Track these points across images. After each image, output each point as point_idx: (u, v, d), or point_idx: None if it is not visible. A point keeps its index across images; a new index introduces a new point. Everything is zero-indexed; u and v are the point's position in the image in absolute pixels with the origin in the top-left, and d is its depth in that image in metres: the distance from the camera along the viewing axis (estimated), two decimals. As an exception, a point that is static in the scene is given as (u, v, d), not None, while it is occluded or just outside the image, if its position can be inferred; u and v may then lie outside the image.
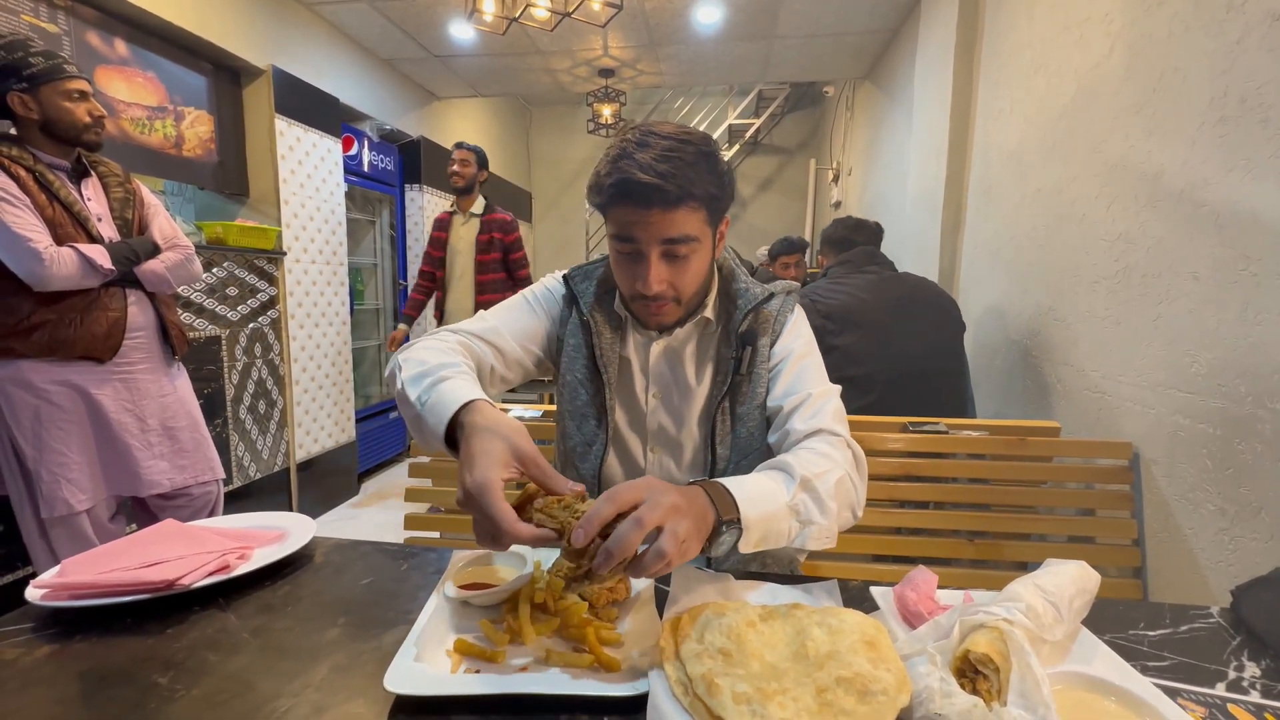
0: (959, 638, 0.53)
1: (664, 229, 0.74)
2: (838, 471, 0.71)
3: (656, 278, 0.76)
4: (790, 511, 0.66)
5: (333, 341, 3.05)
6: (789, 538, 0.66)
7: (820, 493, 0.68)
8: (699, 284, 0.82)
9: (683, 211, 0.74)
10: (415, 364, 0.74)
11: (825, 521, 0.68)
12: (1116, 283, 1.39)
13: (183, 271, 1.68)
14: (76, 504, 1.52)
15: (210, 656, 0.56)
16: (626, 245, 0.77)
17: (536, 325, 0.91)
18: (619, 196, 0.74)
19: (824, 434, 0.76)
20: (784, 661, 0.54)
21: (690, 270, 0.79)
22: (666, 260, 0.77)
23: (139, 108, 2.25)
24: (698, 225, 0.77)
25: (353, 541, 0.81)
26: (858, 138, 4.31)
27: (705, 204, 0.76)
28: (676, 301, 0.81)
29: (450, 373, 0.71)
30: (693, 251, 0.77)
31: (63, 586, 0.63)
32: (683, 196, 0.73)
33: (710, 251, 0.82)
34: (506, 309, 0.91)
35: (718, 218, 0.81)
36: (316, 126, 2.89)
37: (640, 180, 0.71)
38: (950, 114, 2.29)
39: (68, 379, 1.51)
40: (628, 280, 0.80)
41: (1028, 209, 1.83)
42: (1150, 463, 1.27)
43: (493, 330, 0.86)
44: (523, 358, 0.89)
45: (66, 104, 1.52)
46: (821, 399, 0.81)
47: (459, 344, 0.82)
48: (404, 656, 0.53)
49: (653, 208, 0.73)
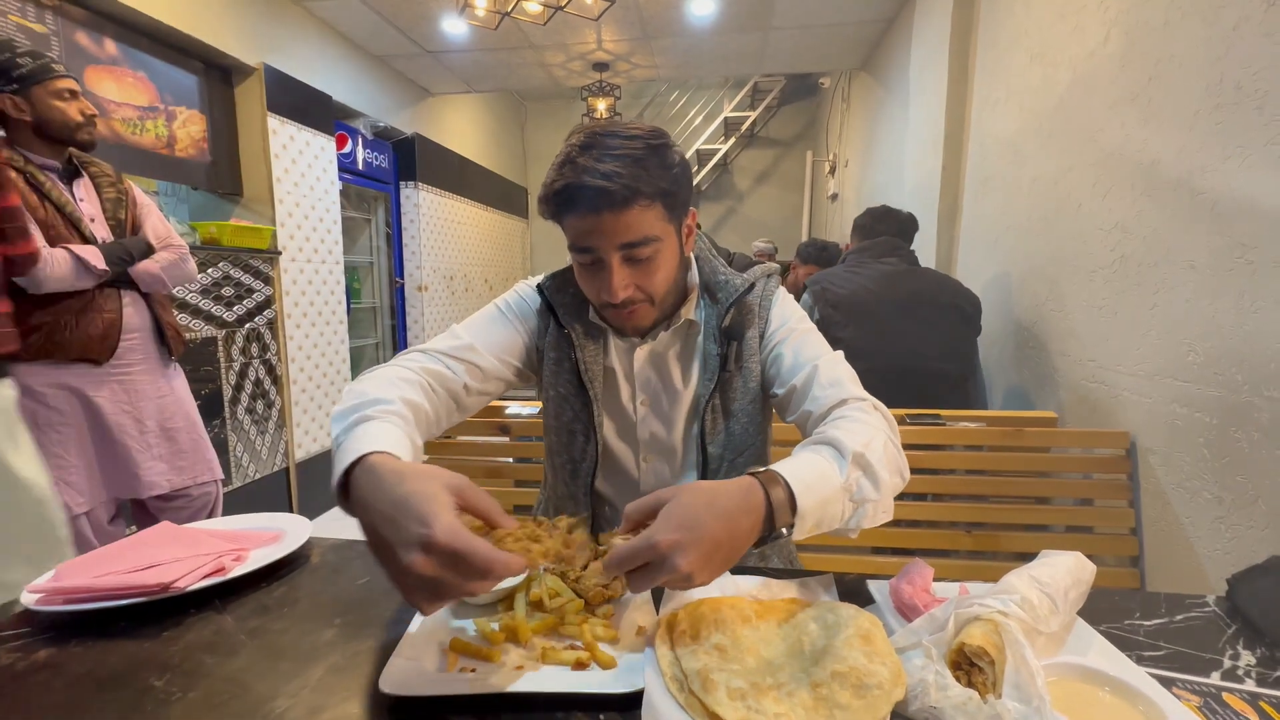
0: (954, 630, 0.53)
1: (620, 233, 0.71)
2: (880, 437, 0.67)
3: (620, 284, 0.73)
4: (844, 492, 0.61)
5: (330, 340, 3.05)
6: (842, 519, 0.62)
7: (873, 465, 0.63)
8: (670, 283, 0.79)
9: (636, 211, 0.70)
10: (354, 395, 0.66)
11: (878, 497, 0.63)
12: (1113, 272, 1.39)
13: (177, 271, 1.68)
14: (75, 507, 1.51)
15: (207, 659, 0.56)
16: (585, 255, 0.74)
17: (513, 336, 0.87)
18: (567, 204, 0.71)
19: (850, 402, 0.73)
20: (780, 657, 0.54)
21: (657, 271, 0.76)
22: (629, 265, 0.74)
23: (130, 108, 2.23)
24: (655, 224, 0.73)
25: (349, 541, 0.81)
26: (854, 129, 4.29)
27: (659, 200, 0.72)
28: (650, 302, 0.78)
29: (372, 412, 0.62)
30: (656, 252, 0.74)
31: (57, 591, 0.63)
32: (632, 196, 0.69)
33: (678, 249, 0.79)
34: (480, 321, 0.87)
35: (678, 213, 0.76)
36: (309, 125, 2.88)
37: (586, 184, 0.68)
38: (946, 104, 2.28)
39: (64, 382, 1.50)
40: (593, 291, 0.77)
41: (1024, 199, 1.82)
42: (1148, 452, 1.27)
43: (466, 347, 0.81)
44: (502, 371, 0.85)
45: (58, 104, 1.51)
46: (830, 365, 0.78)
47: (422, 370, 0.76)
48: (399, 657, 0.53)
49: (603, 212, 0.69)
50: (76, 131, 1.54)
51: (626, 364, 0.87)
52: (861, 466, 0.64)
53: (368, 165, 3.56)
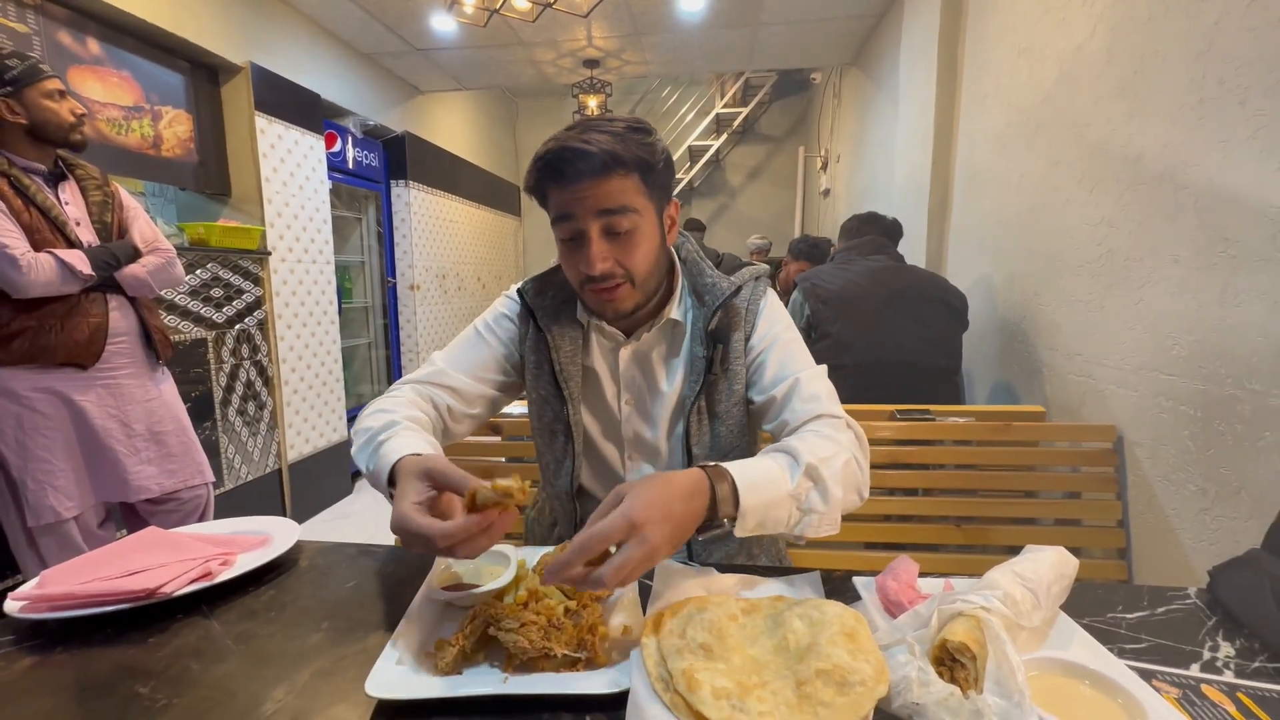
0: (937, 626, 0.53)
1: (599, 200, 0.73)
2: (844, 455, 0.69)
3: (599, 254, 0.74)
4: (791, 499, 0.64)
5: (321, 341, 3.03)
6: (788, 525, 0.65)
7: (825, 479, 0.66)
8: (650, 264, 0.79)
9: (615, 180, 0.73)
10: (362, 434, 0.75)
11: (826, 509, 0.66)
12: (1099, 266, 1.40)
13: (164, 275, 1.66)
14: (64, 511, 1.51)
15: (193, 665, 0.56)
16: (567, 226, 0.76)
17: (489, 354, 0.89)
18: (548, 172, 0.74)
19: (824, 418, 0.75)
20: (765, 655, 0.54)
21: (637, 247, 0.76)
22: (608, 238, 0.75)
23: (115, 108, 2.21)
24: (634, 196, 0.74)
25: (337, 544, 0.81)
26: (845, 124, 4.30)
27: (638, 172, 0.74)
28: (630, 283, 0.78)
29: (388, 435, 0.71)
30: (635, 226, 0.75)
31: (42, 598, 0.62)
32: (611, 162, 0.72)
33: (658, 230, 0.80)
34: (455, 346, 0.90)
35: (657, 193, 0.78)
36: (298, 124, 2.85)
37: (567, 147, 0.72)
38: (935, 99, 2.28)
39: (50, 386, 1.49)
40: (574, 268, 0.78)
41: (1012, 194, 1.83)
42: (1134, 445, 1.28)
43: (440, 373, 0.86)
44: (482, 390, 0.87)
45: (50, 104, 1.50)
46: (811, 381, 0.79)
47: (412, 393, 0.82)
48: (386, 660, 0.53)
49: (583, 179, 0.72)
50: (70, 133, 1.54)
51: (611, 363, 0.88)
52: (813, 478, 0.67)
53: (358, 164, 3.54)
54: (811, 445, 0.69)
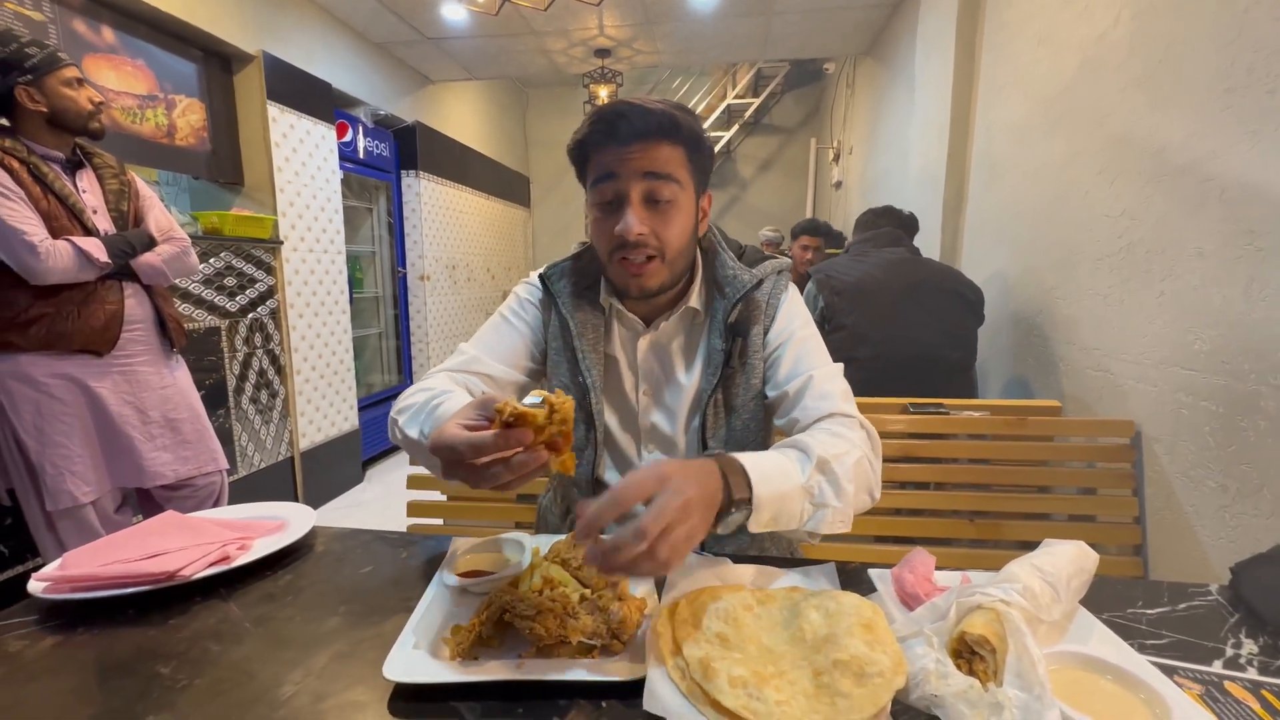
0: (956, 619, 0.53)
1: (645, 163, 0.74)
2: (855, 453, 0.69)
3: (638, 218, 0.75)
4: (804, 493, 0.64)
5: (333, 330, 3.05)
6: (800, 519, 0.64)
7: (837, 475, 0.66)
8: (682, 244, 0.79)
9: (665, 147, 0.74)
10: (409, 410, 0.74)
11: (840, 504, 0.65)
12: (1120, 260, 1.37)
13: (179, 264, 1.68)
14: (81, 496, 1.53)
15: (212, 646, 0.57)
16: (608, 187, 0.76)
17: (517, 340, 0.89)
18: (602, 127, 0.74)
19: (836, 416, 0.74)
20: (781, 645, 0.54)
21: (673, 222, 0.77)
22: (648, 206, 0.76)
23: (129, 96, 2.22)
24: (679, 168, 0.76)
25: (352, 530, 0.82)
26: (859, 115, 4.25)
27: (686, 146, 0.76)
28: (661, 259, 0.78)
29: (442, 399, 0.71)
30: (675, 198, 0.76)
31: (65, 579, 0.63)
32: (667, 126, 0.74)
33: (693, 212, 0.80)
34: (484, 334, 0.89)
35: (698, 176, 0.80)
36: (310, 113, 2.86)
37: (626, 104, 0.73)
38: (952, 89, 2.25)
39: (67, 372, 1.51)
40: (607, 234, 0.77)
41: (1030, 185, 1.80)
42: (1152, 440, 1.26)
43: (473, 360, 0.85)
44: (513, 376, 0.87)
45: (69, 92, 1.51)
46: (826, 379, 0.79)
47: (448, 380, 0.82)
48: (403, 644, 0.53)
49: (633, 142, 0.73)
50: (89, 121, 1.55)
51: (630, 352, 0.88)
52: (824, 472, 0.66)
53: (369, 154, 3.54)
54: (822, 441, 0.69)
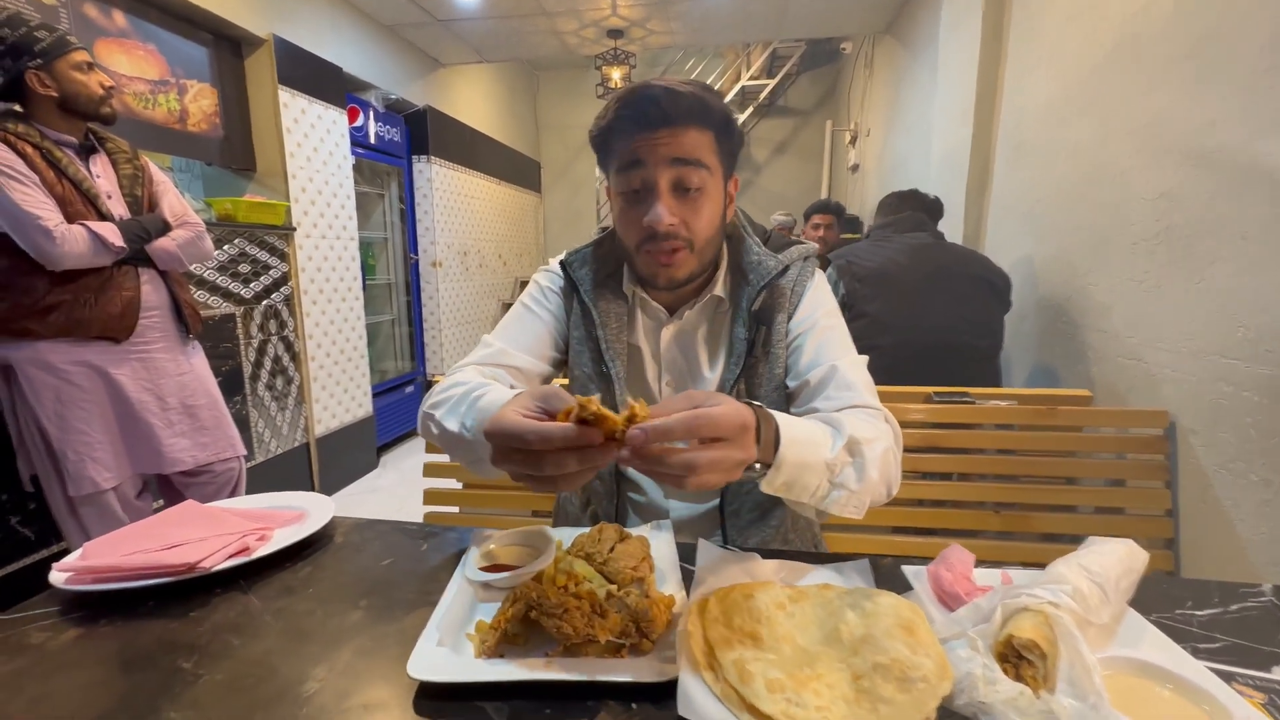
0: (1001, 621, 0.51)
1: (674, 148, 0.71)
2: (884, 442, 0.67)
3: (667, 208, 0.72)
4: (826, 469, 0.61)
5: (346, 317, 3.05)
6: (813, 494, 0.61)
7: (865, 459, 0.63)
8: (711, 232, 0.77)
9: (693, 132, 0.72)
10: (446, 404, 0.71)
11: (858, 489, 0.63)
12: (1157, 244, 1.32)
13: (194, 249, 1.67)
14: (103, 482, 1.54)
15: (233, 640, 0.56)
16: (635, 175, 0.73)
17: (542, 330, 0.86)
18: (628, 112, 0.71)
19: (860, 409, 0.72)
20: (816, 645, 0.52)
21: (702, 210, 0.74)
22: (677, 195, 0.73)
23: (141, 81, 2.21)
24: (708, 153, 0.73)
25: (371, 521, 0.81)
26: (878, 97, 4.15)
27: (715, 130, 0.73)
28: (690, 247, 0.75)
29: (482, 391, 0.68)
30: (704, 185, 0.73)
31: (86, 570, 0.63)
32: (697, 110, 0.71)
33: (721, 199, 0.77)
34: (507, 325, 0.87)
35: (726, 161, 0.77)
36: (321, 97, 2.83)
37: (654, 87, 0.70)
38: (978, 68, 2.17)
39: (86, 359, 1.51)
40: (634, 223, 0.74)
41: (1061, 167, 1.74)
42: (1188, 432, 1.22)
43: (500, 353, 0.82)
44: (540, 367, 0.85)
45: (79, 76, 1.50)
46: (850, 369, 0.76)
47: (476, 373, 0.79)
48: (427, 641, 0.52)
49: (660, 127, 0.71)
50: (100, 105, 1.54)
51: (653, 342, 0.85)
52: (853, 453, 0.63)
53: (380, 139, 3.51)
54: (855, 422, 0.67)
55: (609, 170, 0.79)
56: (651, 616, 0.52)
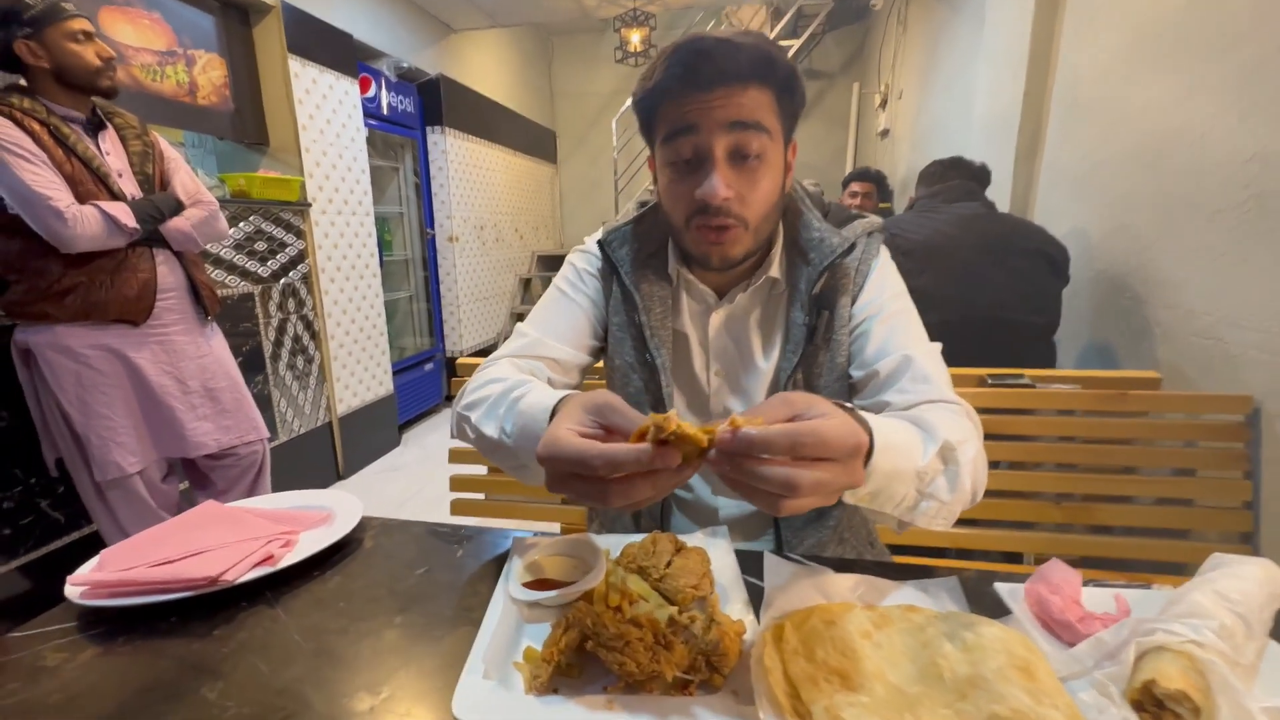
0: (1133, 662, 0.44)
1: (731, 110, 0.63)
2: (975, 445, 0.59)
3: (723, 179, 0.64)
4: (916, 477, 0.54)
5: (364, 294, 3.01)
6: (898, 505, 0.54)
7: (959, 465, 0.56)
8: (769, 206, 0.68)
9: (753, 91, 0.63)
10: (482, 406, 0.65)
11: (949, 500, 0.56)
12: (1245, 212, 1.20)
13: (208, 229, 1.62)
14: (128, 466, 1.52)
15: (261, 666, 0.51)
16: (686, 142, 0.64)
17: (579, 317, 0.79)
18: (680, 71, 0.63)
19: (940, 404, 0.64)
20: (912, 684, 0.45)
21: (761, 180, 0.66)
22: (734, 163, 0.65)
23: (148, 53, 2.13)
24: (768, 115, 0.65)
25: (402, 522, 0.76)
26: (911, 56, 3.92)
27: (776, 90, 0.65)
28: (745, 226, 0.67)
29: (521, 390, 0.62)
30: (764, 152, 0.65)
31: (101, 584, 0.58)
32: (759, 65, 0.62)
33: (781, 169, 0.69)
34: (542, 312, 0.80)
35: (786, 125, 0.68)
36: (332, 67, 2.74)
37: (701, 47, 0.62)
38: (1033, 19, 2.00)
39: (105, 343, 1.48)
40: (685, 196, 0.66)
41: (1128, 128, 1.60)
42: (1274, 418, 1.12)
43: (535, 343, 0.76)
44: (579, 358, 0.78)
45: (74, 46, 1.42)
46: (925, 361, 0.69)
47: (511, 366, 0.72)
48: (471, 672, 0.47)
49: (716, 87, 0.62)
50: (97, 78, 1.46)
51: (701, 329, 0.78)
52: (946, 460, 0.56)
53: (393, 109, 3.41)
54: (946, 422, 0.59)
55: (654, 139, 0.71)
56: (723, 649, 0.46)
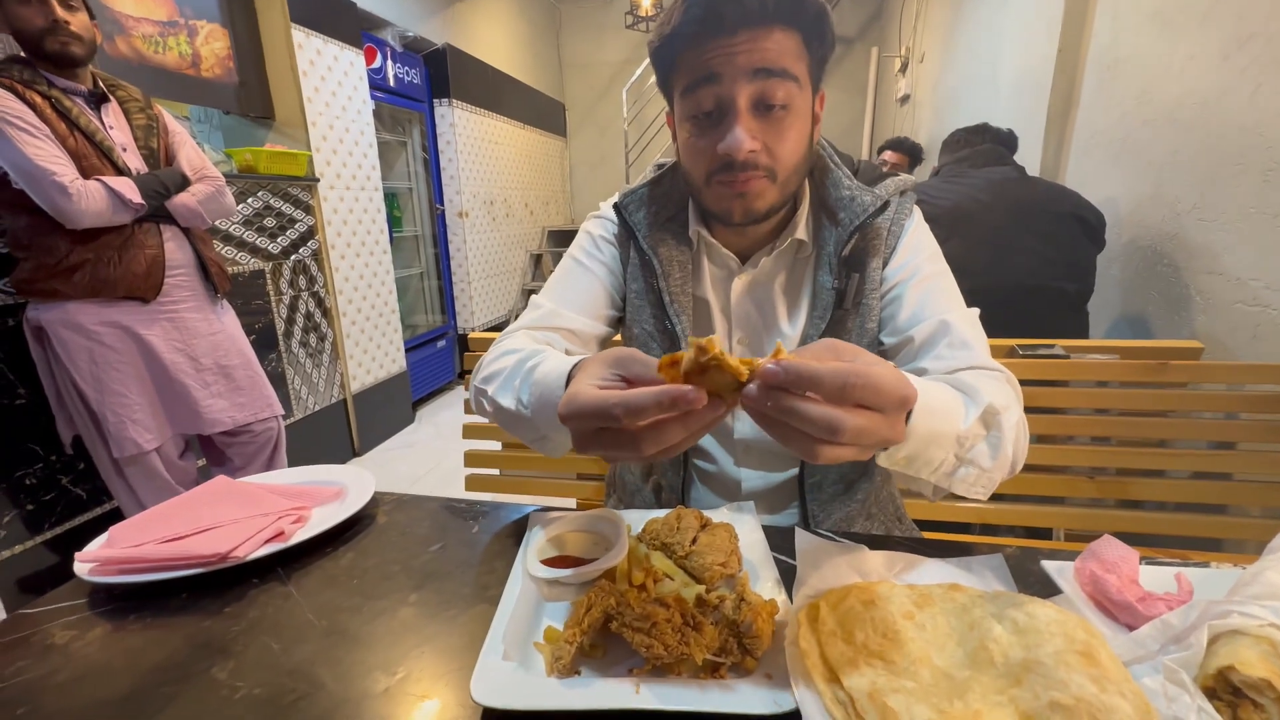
0: (1205, 646, 0.40)
1: (756, 57, 0.58)
2: (1017, 411, 0.56)
3: (747, 130, 0.60)
4: (956, 442, 0.51)
5: (375, 271, 2.98)
6: (935, 470, 0.52)
7: (1002, 431, 0.53)
8: (797, 159, 0.64)
9: (778, 34, 0.59)
10: (498, 378, 0.63)
11: (990, 467, 0.53)
12: (1301, 170, 1.13)
13: (215, 205, 1.59)
14: (145, 443, 1.52)
15: (273, 644, 0.49)
16: (708, 92, 0.60)
17: (596, 286, 0.76)
18: (696, 19, 0.58)
19: (980, 370, 0.60)
20: (960, 668, 0.42)
21: (788, 131, 0.62)
22: (758, 114, 0.60)
23: (149, 23, 2.08)
24: (795, 61, 0.60)
25: (415, 497, 0.74)
26: (934, 16, 3.76)
27: (803, 33, 0.60)
28: (771, 177, 0.63)
29: (535, 359, 0.59)
30: (790, 101, 0.60)
31: (111, 560, 0.57)
32: (781, 9, 0.58)
33: (809, 120, 0.65)
34: (557, 283, 0.76)
35: (814, 72, 0.64)
36: (336, 37, 2.67)
37: None
38: (1069, -30, 1.89)
39: (116, 320, 1.47)
40: (707, 153, 0.62)
41: (1173, 84, 1.51)
42: (1326, 389, 1.07)
43: (551, 314, 0.73)
44: (597, 328, 0.75)
45: (18, 8, 1.30)
46: (963, 326, 0.65)
47: (527, 338, 0.69)
48: (489, 654, 0.44)
49: (739, 29, 0.58)
50: (42, 40, 1.33)
51: (723, 295, 0.74)
52: (988, 425, 0.53)
53: (399, 81, 3.34)
54: (989, 387, 0.56)
55: (673, 93, 0.66)
56: (756, 630, 0.44)
